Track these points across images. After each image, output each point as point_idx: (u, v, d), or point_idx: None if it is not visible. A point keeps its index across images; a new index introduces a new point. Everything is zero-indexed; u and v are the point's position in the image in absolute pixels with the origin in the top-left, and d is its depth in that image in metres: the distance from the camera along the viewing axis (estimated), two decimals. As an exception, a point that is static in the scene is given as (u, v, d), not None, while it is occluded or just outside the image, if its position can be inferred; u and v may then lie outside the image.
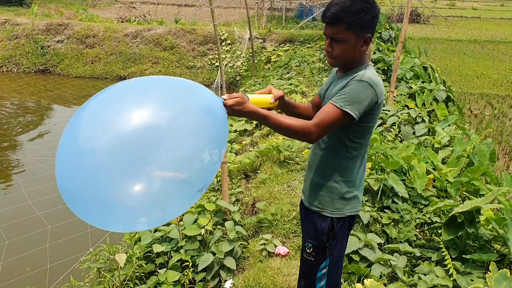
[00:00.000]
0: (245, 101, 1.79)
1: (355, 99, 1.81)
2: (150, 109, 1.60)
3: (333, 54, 1.92)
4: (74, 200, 1.58)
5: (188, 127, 1.64)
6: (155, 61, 13.68)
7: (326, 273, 2.10)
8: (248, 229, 4.06)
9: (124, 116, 1.55)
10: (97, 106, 1.65)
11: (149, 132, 1.54)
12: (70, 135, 1.61)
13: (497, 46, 18.89)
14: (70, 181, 1.56)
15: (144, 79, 1.79)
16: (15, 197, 5.81)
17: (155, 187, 1.54)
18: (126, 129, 1.52)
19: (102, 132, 1.53)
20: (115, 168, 1.50)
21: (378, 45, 10.09)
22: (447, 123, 5.86)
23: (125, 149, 1.51)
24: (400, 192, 3.89)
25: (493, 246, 3.36)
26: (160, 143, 1.54)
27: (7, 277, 4.28)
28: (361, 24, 1.84)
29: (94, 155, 1.50)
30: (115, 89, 1.70)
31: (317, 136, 1.81)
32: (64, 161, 1.58)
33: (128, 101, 1.61)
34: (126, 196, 1.52)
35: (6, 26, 14.47)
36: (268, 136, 6.54)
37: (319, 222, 2.06)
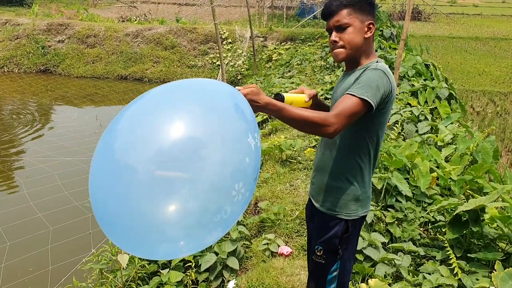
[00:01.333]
0: (260, 92, 1.70)
1: (372, 87, 1.77)
2: (188, 121, 1.50)
3: (341, 43, 1.89)
4: (115, 230, 1.49)
5: (227, 134, 1.54)
6: (156, 61, 13.67)
7: (337, 276, 2.07)
8: (250, 229, 4.05)
9: (163, 130, 1.46)
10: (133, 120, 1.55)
11: (191, 145, 1.45)
12: (106, 153, 1.51)
13: (498, 43, 18.83)
14: (109, 209, 1.47)
15: (172, 86, 1.68)
16: (16, 198, 5.80)
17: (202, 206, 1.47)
18: (167, 144, 1.43)
19: (143, 148, 1.43)
20: (160, 190, 1.41)
21: (380, 43, 10.05)
22: (450, 121, 5.84)
23: (169, 165, 1.42)
24: (403, 191, 3.87)
25: (498, 245, 3.34)
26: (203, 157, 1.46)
27: (9, 279, 4.27)
28: (361, 8, 1.87)
29: (135, 173, 1.41)
30: (146, 100, 1.60)
31: (337, 127, 1.70)
32: (102, 185, 1.48)
33: (163, 115, 1.51)
34: (177, 219, 1.43)
35: (7, 26, 14.46)
36: (270, 135, 6.52)
37: (332, 225, 2.02)
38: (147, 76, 13.26)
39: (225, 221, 1.55)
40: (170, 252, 1.56)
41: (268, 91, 8.68)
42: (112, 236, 1.52)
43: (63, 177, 6.31)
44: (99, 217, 1.51)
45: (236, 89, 1.72)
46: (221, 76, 9.24)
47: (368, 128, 1.90)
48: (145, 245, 1.50)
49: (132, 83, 12.86)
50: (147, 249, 1.53)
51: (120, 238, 1.52)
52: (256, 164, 1.62)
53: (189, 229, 1.48)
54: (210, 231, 1.54)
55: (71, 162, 6.85)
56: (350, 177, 1.98)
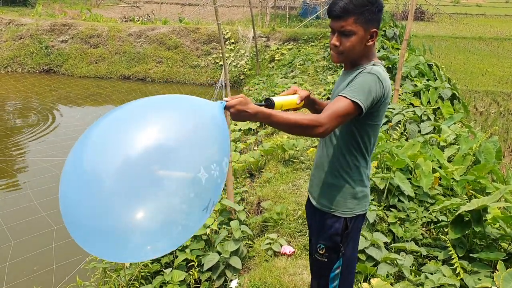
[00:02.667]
0: (248, 101, 1.72)
1: (364, 90, 1.80)
2: (153, 130, 1.56)
3: (341, 49, 1.90)
4: (80, 231, 1.55)
5: (189, 143, 1.59)
6: (159, 61, 13.69)
7: (340, 273, 2.09)
8: (253, 229, 4.06)
9: (129, 138, 1.52)
10: (99, 133, 1.62)
11: (155, 153, 1.51)
12: (74, 161, 1.57)
13: (502, 43, 18.78)
14: (76, 212, 1.53)
15: (142, 102, 1.74)
16: (20, 197, 5.83)
17: (157, 216, 1.50)
18: (132, 152, 1.49)
19: (108, 156, 1.50)
20: (123, 193, 1.47)
21: (383, 43, 10.05)
22: (453, 121, 5.83)
23: (133, 172, 1.47)
24: (406, 191, 3.87)
25: (501, 245, 3.34)
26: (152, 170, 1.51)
27: (13, 278, 4.30)
28: (369, 17, 1.84)
29: (102, 181, 1.47)
30: (113, 116, 1.66)
31: (327, 127, 1.73)
32: (69, 189, 1.54)
33: (130, 126, 1.58)
34: (136, 223, 1.47)
35: (11, 26, 14.50)
36: (272, 135, 6.53)
37: (331, 222, 2.04)
38: (150, 76, 13.29)
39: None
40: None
41: (271, 91, 8.69)
42: (78, 239, 1.58)
43: (67, 176, 6.32)
44: (68, 224, 1.58)
45: (223, 101, 1.74)
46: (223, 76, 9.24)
47: (361, 129, 1.93)
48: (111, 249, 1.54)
49: (135, 83, 12.89)
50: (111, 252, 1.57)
51: (88, 242, 1.56)
52: (205, 197, 1.63)
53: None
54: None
55: (75, 162, 6.86)
56: (346, 175, 2.01)
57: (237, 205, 4.05)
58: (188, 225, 1.60)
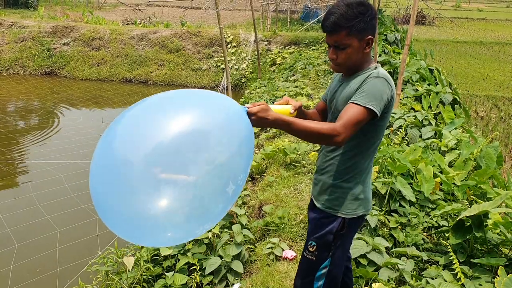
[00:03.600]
0: (269, 108, 1.76)
1: (376, 96, 1.83)
2: (186, 122, 1.58)
3: (338, 61, 1.95)
4: (110, 214, 1.58)
5: (225, 137, 1.62)
6: (161, 64, 13.73)
7: (326, 273, 2.10)
8: (255, 233, 4.07)
9: (162, 128, 1.54)
10: (133, 118, 1.65)
11: (188, 143, 1.53)
12: (105, 147, 1.63)
13: (503, 47, 18.81)
14: (105, 195, 1.57)
15: (175, 93, 1.75)
16: (24, 200, 5.85)
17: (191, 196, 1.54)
18: (164, 141, 1.51)
19: (139, 143, 1.52)
20: (151, 180, 1.50)
21: (384, 47, 10.08)
22: (454, 125, 5.84)
23: (162, 160, 1.50)
24: (407, 196, 3.89)
25: (501, 250, 3.36)
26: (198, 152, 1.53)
27: (17, 281, 4.31)
28: (362, 27, 1.87)
29: (131, 167, 1.50)
30: (149, 102, 1.69)
31: (345, 137, 1.76)
32: (99, 174, 1.60)
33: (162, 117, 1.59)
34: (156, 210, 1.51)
35: (13, 28, 14.55)
36: (274, 139, 6.55)
37: (328, 221, 2.07)
38: (152, 79, 13.32)
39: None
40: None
41: (273, 95, 8.71)
42: (110, 224, 1.61)
43: (70, 179, 6.36)
44: (101, 211, 1.61)
45: (245, 107, 1.77)
46: (225, 79, 9.28)
47: (369, 131, 1.96)
48: (143, 233, 1.58)
49: (136, 86, 12.93)
50: (144, 238, 1.61)
51: (119, 226, 1.60)
52: (231, 202, 1.68)
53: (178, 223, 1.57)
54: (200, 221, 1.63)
55: (78, 165, 6.90)
56: (350, 176, 2.04)
57: (238, 209, 4.07)
58: (211, 220, 1.66)
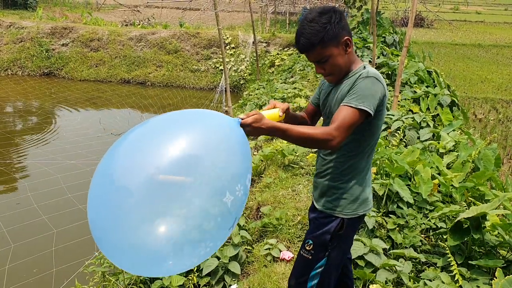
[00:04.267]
0: (262, 117, 1.76)
1: (368, 96, 1.83)
2: (179, 150, 1.58)
3: (327, 72, 1.96)
4: (112, 249, 1.56)
5: (221, 161, 1.62)
6: (159, 65, 13.73)
7: (321, 272, 2.08)
8: (252, 234, 4.06)
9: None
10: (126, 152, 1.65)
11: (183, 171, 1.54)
12: (103, 176, 1.64)
13: (501, 50, 18.85)
14: (104, 226, 1.55)
15: (163, 119, 1.76)
16: (20, 200, 5.83)
17: (190, 229, 1.53)
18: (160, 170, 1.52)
19: (138, 171, 1.53)
20: (151, 210, 1.50)
21: (382, 49, 10.08)
22: (452, 127, 5.84)
23: (160, 189, 1.51)
24: (405, 197, 3.88)
25: (499, 252, 3.35)
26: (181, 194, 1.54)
27: (13, 281, 4.30)
28: (332, 34, 1.86)
29: (130, 195, 1.50)
30: (133, 138, 1.68)
31: (340, 140, 1.77)
32: (98, 206, 1.59)
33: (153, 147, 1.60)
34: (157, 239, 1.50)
35: (12, 29, 14.54)
36: (272, 140, 6.54)
37: (328, 221, 2.06)
38: (150, 80, 13.32)
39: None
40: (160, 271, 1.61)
41: (271, 96, 8.71)
42: (106, 252, 1.59)
43: (67, 180, 6.34)
44: (98, 239, 1.59)
45: (239, 119, 1.76)
46: (223, 81, 9.28)
47: (365, 131, 1.96)
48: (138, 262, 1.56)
49: (135, 87, 12.92)
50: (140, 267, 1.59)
51: (115, 255, 1.58)
52: (230, 217, 1.66)
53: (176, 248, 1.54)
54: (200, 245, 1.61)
55: (75, 165, 6.88)
56: (349, 177, 2.04)
57: (236, 210, 4.05)
58: (214, 245, 1.65)
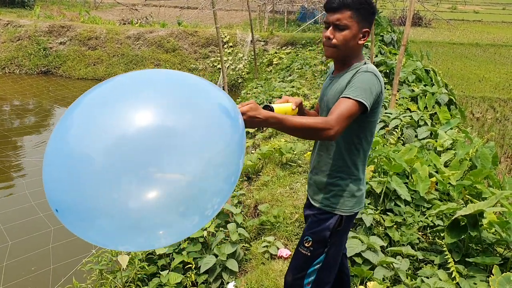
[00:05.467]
0: (258, 107, 1.73)
1: (366, 89, 1.84)
2: (157, 109, 1.37)
3: (333, 42, 1.92)
4: (71, 217, 1.38)
5: (206, 129, 1.44)
6: (157, 63, 13.71)
7: (318, 269, 2.09)
8: (250, 231, 4.06)
9: (124, 115, 1.34)
10: (95, 102, 1.42)
11: (158, 135, 1.33)
12: (59, 139, 1.39)
13: (499, 49, 18.87)
14: (65, 195, 1.36)
15: (144, 73, 1.56)
16: (18, 198, 5.83)
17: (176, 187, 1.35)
18: (129, 130, 1.31)
19: (100, 134, 1.31)
20: (118, 172, 1.29)
21: (380, 48, 10.09)
22: (450, 126, 5.85)
23: (131, 149, 1.29)
24: (402, 195, 3.89)
25: (496, 250, 3.36)
26: (171, 148, 1.34)
27: (10, 278, 4.29)
28: (364, 15, 1.90)
29: (91, 161, 1.29)
30: (116, 82, 1.48)
31: (337, 129, 1.74)
32: (55, 173, 1.38)
33: (126, 101, 1.39)
34: (139, 203, 1.31)
35: (9, 27, 14.50)
36: (270, 139, 6.54)
37: (326, 218, 2.07)
38: (148, 79, 13.29)
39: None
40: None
41: (269, 95, 8.71)
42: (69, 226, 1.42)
43: (64, 178, 6.32)
44: (59, 211, 1.41)
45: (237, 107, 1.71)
46: (221, 80, 9.28)
47: (361, 126, 1.97)
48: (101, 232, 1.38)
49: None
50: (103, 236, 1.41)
51: (77, 226, 1.41)
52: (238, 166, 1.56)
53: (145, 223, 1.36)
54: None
55: (72, 163, 6.86)
56: (345, 174, 2.04)
57: (234, 208, 4.06)
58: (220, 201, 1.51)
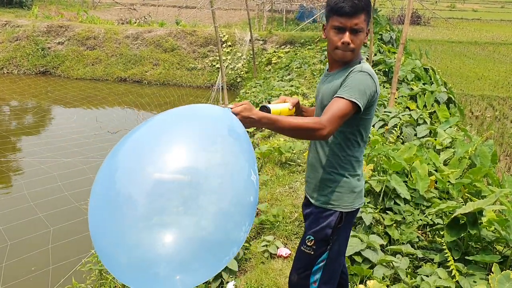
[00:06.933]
0: (252, 107, 1.75)
1: (360, 89, 1.85)
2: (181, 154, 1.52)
3: (352, 46, 1.92)
4: (117, 264, 1.48)
5: (225, 163, 1.57)
6: (155, 63, 13.69)
7: (323, 266, 2.09)
8: (250, 231, 4.05)
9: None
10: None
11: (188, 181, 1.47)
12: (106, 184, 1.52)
13: (497, 48, 18.88)
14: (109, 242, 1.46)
15: (162, 119, 1.71)
16: (17, 198, 5.82)
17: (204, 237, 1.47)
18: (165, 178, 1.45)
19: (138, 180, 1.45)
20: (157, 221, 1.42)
21: (379, 47, 10.09)
22: (449, 124, 5.85)
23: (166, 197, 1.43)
24: (402, 194, 3.88)
25: (496, 248, 3.36)
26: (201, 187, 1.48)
27: (9, 279, 4.29)
28: (369, 16, 1.93)
29: (135, 206, 1.42)
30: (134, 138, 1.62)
31: (330, 129, 1.77)
32: (102, 218, 1.48)
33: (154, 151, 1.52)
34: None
35: (7, 27, 14.48)
36: (269, 138, 6.54)
37: (326, 215, 2.07)
38: (147, 79, 13.28)
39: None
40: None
41: (268, 94, 8.70)
42: (112, 269, 1.51)
43: (63, 178, 6.33)
44: (99, 249, 1.51)
45: (228, 108, 1.74)
46: (220, 79, 9.27)
47: (357, 123, 1.98)
48: (142, 278, 1.46)
49: (131, 85, 12.88)
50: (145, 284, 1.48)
51: (120, 271, 1.50)
52: (256, 199, 1.65)
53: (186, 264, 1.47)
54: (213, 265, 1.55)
55: (71, 163, 6.86)
56: (343, 170, 2.05)
57: (233, 207, 4.04)
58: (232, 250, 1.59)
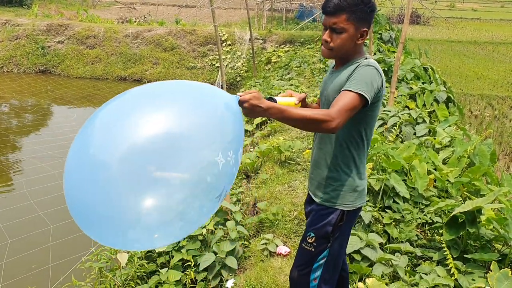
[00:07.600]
0: (261, 96, 1.76)
1: (367, 82, 1.84)
2: (165, 116, 1.56)
3: (331, 45, 1.94)
4: (84, 217, 1.54)
5: (203, 127, 1.61)
6: (155, 62, 13.70)
7: (324, 264, 2.10)
8: (249, 229, 4.07)
9: (138, 124, 1.52)
10: (109, 114, 1.64)
11: (164, 139, 1.51)
12: (81, 145, 1.57)
13: (497, 47, 18.90)
14: (81, 197, 1.52)
15: (156, 84, 1.77)
16: (17, 196, 5.83)
17: (174, 197, 1.50)
18: (140, 139, 1.49)
19: (114, 143, 1.49)
20: (128, 181, 1.46)
21: (379, 46, 10.10)
22: (448, 123, 5.86)
23: (139, 159, 1.47)
24: (401, 192, 3.89)
25: (494, 246, 3.37)
26: (175, 149, 1.51)
27: (9, 276, 4.29)
28: (361, 16, 1.89)
29: (107, 169, 1.46)
30: (126, 97, 1.69)
31: (339, 122, 1.75)
32: (74, 175, 1.54)
33: (142, 109, 1.59)
34: (143, 211, 1.47)
35: (7, 26, 14.47)
36: (268, 137, 6.55)
37: (327, 213, 2.08)
38: (147, 77, 13.28)
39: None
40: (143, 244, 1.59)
41: (267, 93, 8.71)
42: (89, 231, 1.56)
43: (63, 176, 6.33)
44: (75, 214, 1.56)
45: (237, 96, 1.77)
46: (220, 78, 9.28)
47: (362, 120, 1.97)
48: (120, 236, 1.53)
49: (131, 84, 12.87)
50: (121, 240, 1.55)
51: (98, 232, 1.55)
52: (220, 183, 1.65)
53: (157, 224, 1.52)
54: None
55: (71, 162, 6.86)
56: (346, 168, 2.05)
57: (233, 206, 4.06)
58: (201, 212, 1.62)
